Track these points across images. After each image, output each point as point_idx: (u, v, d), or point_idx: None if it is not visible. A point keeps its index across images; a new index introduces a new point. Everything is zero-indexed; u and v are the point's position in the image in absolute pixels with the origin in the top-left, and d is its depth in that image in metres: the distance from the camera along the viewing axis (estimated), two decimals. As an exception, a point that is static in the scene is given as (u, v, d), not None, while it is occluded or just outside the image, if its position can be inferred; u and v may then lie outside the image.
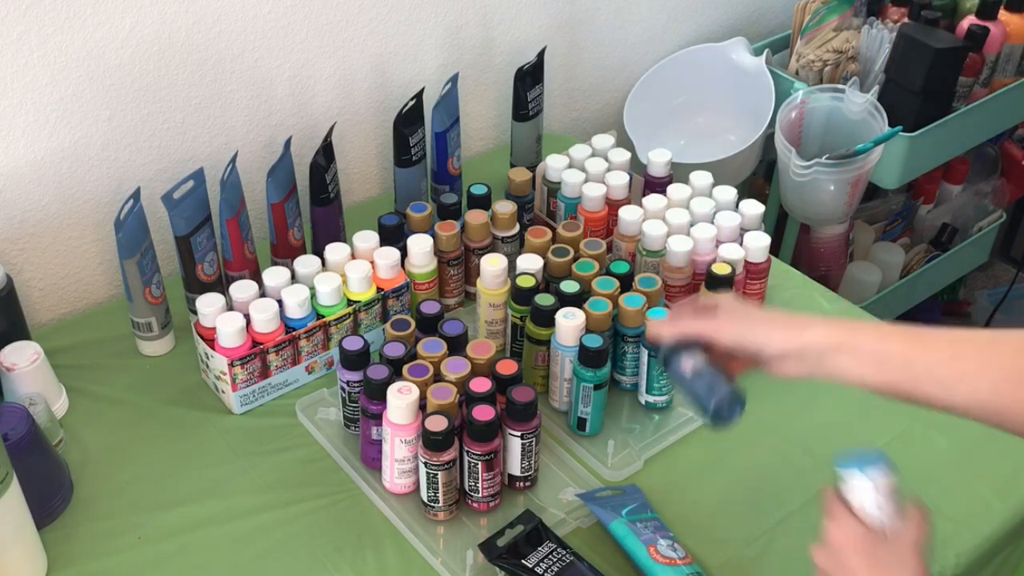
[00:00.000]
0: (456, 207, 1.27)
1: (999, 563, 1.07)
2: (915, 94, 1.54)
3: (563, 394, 1.11)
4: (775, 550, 1.00)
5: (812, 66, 1.64)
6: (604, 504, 0.99)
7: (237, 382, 1.10)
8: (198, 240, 1.15)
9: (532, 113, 1.42)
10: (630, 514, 0.97)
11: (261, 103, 1.32)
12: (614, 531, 0.96)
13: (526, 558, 0.94)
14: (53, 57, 1.13)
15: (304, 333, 1.12)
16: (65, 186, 1.21)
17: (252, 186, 1.34)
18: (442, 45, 1.46)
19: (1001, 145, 2.04)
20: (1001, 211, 2.01)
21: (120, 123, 1.22)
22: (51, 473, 1.01)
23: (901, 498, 0.76)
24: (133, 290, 1.15)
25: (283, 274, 1.13)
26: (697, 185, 1.30)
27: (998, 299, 2.08)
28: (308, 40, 1.32)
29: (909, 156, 1.55)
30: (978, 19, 1.63)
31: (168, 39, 1.20)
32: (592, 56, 1.65)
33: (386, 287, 1.17)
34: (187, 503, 1.03)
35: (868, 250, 1.89)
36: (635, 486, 1.03)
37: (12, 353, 1.09)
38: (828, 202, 1.58)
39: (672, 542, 0.94)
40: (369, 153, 1.48)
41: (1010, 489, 1.05)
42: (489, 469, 0.98)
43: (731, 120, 1.70)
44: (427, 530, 1.00)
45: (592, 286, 1.13)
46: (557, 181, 1.32)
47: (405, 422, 0.97)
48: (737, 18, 1.80)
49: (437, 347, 1.05)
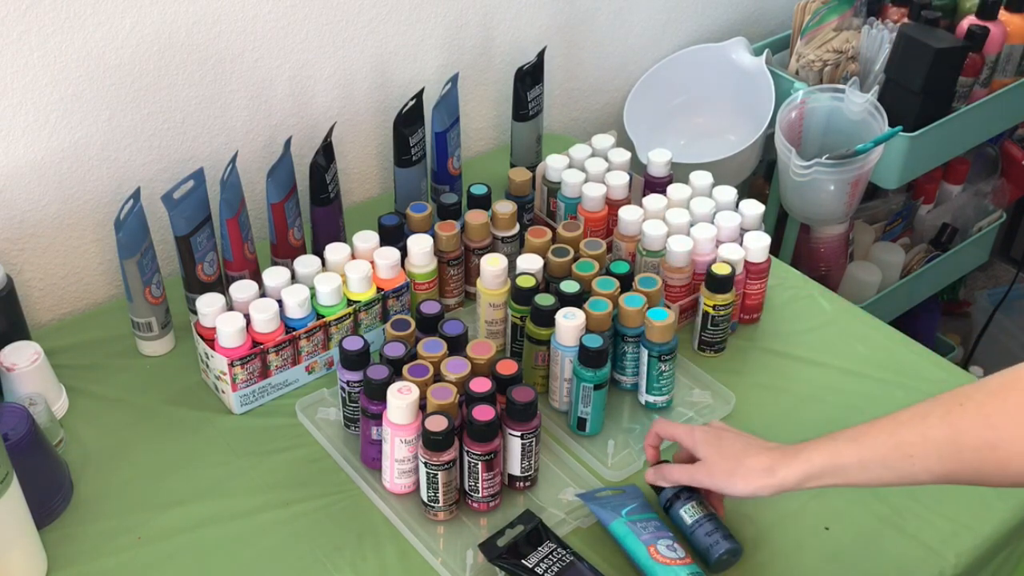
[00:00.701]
0: (456, 207, 1.27)
1: (999, 563, 1.07)
2: (915, 94, 1.54)
3: (563, 394, 1.11)
4: (775, 550, 1.00)
5: (812, 66, 1.64)
6: (604, 504, 0.99)
7: (237, 382, 1.10)
8: (198, 240, 1.15)
9: (532, 113, 1.42)
10: (630, 514, 0.97)
11: (261, 103, 1.32)
12: (614, 531, 0.96)
13: (526, 558, 0.94)
14: (53, 57, 1.13)
15: (304, 333, 1.12)
16: (65, 186, 1.21)
17: (252, 186, 1.34)
18: (442, 45, 1.46)
19: (1001, 145, 2.04)
20: (1001, 211, 2.01)
21: (120, 123, 1.22)
22: (51, 473, 1.00)
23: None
24: (133, 290, 1.15)
25: (283, 274, 1.13)
26: (697, 185, 1.30)
27: (998, 299, 2.08)
28: (308, 40, 1.32)
29: (909, 156, 1.55)
30: (978, 19, 1.63)
31: (168, 39, 1.20)
32: (592, 56, 1.65)
33: (386, 287, 1.17)
34: (187, 503, 1.03)
35: (868, 250, 1.89)
36: (635, 486, 1.03)
37: (12, 353, 1.09)
38: (828, 202, 1.58)
39: (672, 542, 0.94)
40: (369, 153, 1.48)
41: (1010, 489, 1.05)
42: (489, 469, 0.98)
43: (731, 120, 1.69)
44: (427, 530, 1.00)
45: (592, 286, 1.13)
46: (557, 181, 1.32)
47: (405, 422, 0.97)
48: (737, 18, 1.80)
49: (437, 347, 1.05)
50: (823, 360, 1.21)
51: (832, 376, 1.19)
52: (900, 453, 0.81)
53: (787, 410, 1.14)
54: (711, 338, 1.20)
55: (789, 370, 1.20)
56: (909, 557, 1.00)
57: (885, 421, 0.84)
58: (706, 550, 0.95)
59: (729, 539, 0.95)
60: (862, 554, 1.00)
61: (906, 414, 0.83)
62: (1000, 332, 2.12)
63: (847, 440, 0.85)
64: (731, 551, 0.95)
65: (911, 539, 1.01)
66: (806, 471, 0.86)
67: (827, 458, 0.85)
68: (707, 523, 0.96)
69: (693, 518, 0.97)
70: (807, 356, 1.22)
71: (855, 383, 1.18)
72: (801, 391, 1.18)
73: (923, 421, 0.81)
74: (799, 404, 1.15)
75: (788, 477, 0.87)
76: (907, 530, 1.02)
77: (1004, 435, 0.76)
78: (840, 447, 0.85)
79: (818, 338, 1.25)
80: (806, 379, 1.19)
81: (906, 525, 1.02)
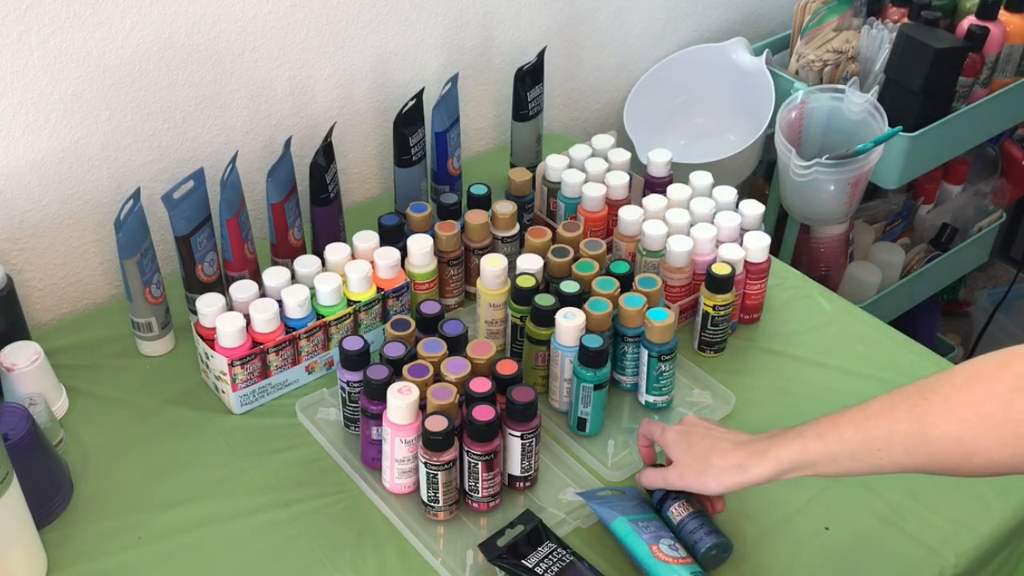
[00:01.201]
0: (456, 207, 1.27)
1: (999, 563, 1.07)
2: (915, 94, 1.54)
3: (563, 394, 1.11)
4: (775, 550, 1.00)
5: (812, 66, 1.64)
6: (605, 503, 0.99)
7: (237, 382, 1.10)
8: (198, 240, 1.15)
9: (532, 113, 1.42)
10: (630, 514, 0.97)
11: (261, 103, 1.32)
12: (615, 529, 0.96)
13: (526, 558, 0.94)
14: (53, 57, 1.13)
15: (304, 333, 1.12)
16: (65, 186, 1.21)
17: (252, 186, 1.34)
18: (442, 45, 1.46)
19: (1001, 145, 2.04)
20: (1001, 211, 2.01)
21: (120, 123, 1.22)
22: (51, 473, 1.00)
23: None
24: (133, 290, 1.15)
25: (283, 274, 1.13)
26: (697, 185, 1.30)
27: (998, 299, 2.08)
28: (308, 40, 1.32)
29: (909, 156, 1.55)
30: (978, 19, 1.63)
31: (168, 39, 1.20)
32: (592, 56, 1.65)
33: (386, 287, 1.17)
34: (187, 503, 1.03)
35: (868, 250, 1.89)
36: (634, 487, 1.03)
37: (12, 353, 1.09)
38: (828, 202, 1.58)
39: (673, 542, 0.94)
40: (369, 153, 1.48)
41: (1010, 489, 1.05)
42: (489, 469, 0.98)
43: (731, 120, 1.69)
44: (427, 530, 1.00)
45: (592, 286, 1.13)
46: (557, 181, 1.32)
47: (405, 422, 0.97)
48: (737, 18, 1.80)
49: (437, 347, 1.05)
50: (823, 360, 1.21)
51: (832, 376, 1.19)
52: (867, 448, 0.82)
53: (787, 410, 1.14)
54: (711, 338, 1.20)
55: (789, 370, 1.20)
56: (909, 557, 1.00)
57: (853, 413, 0.84)
58: (691, 548, 0.95)
59: (713, 534, 0.95)
60: (862, 554, 1.00)
61: (873, 406, 0.83)
62: (1000, 332, 2.12)
63: (815, 436, 0.85)
64: (718, 546, 0.95)
65: (911, 539, 1.01)
66: (775, 469, 0.87)
67: (796, 455, 0.86)
68: (691, 521, 0.96)
69: (679, 518, 0.97)
70: (807, 356, 1.22)
71: (855, 383, 1.18)
72: (801, 391, 1.18)
73: (890, 415, 0.81)
74: (799, 404, 1.15)
75: (758, 475, 0.88)
76: (907, 530, 1.02)
77: (969, 428, 0.76)
78: (808, 443, 0.86)
79: (818, 338, 1.25)
80: (806, 379, 1.19)
81: (906, 525, 1.02)
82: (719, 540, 0.95)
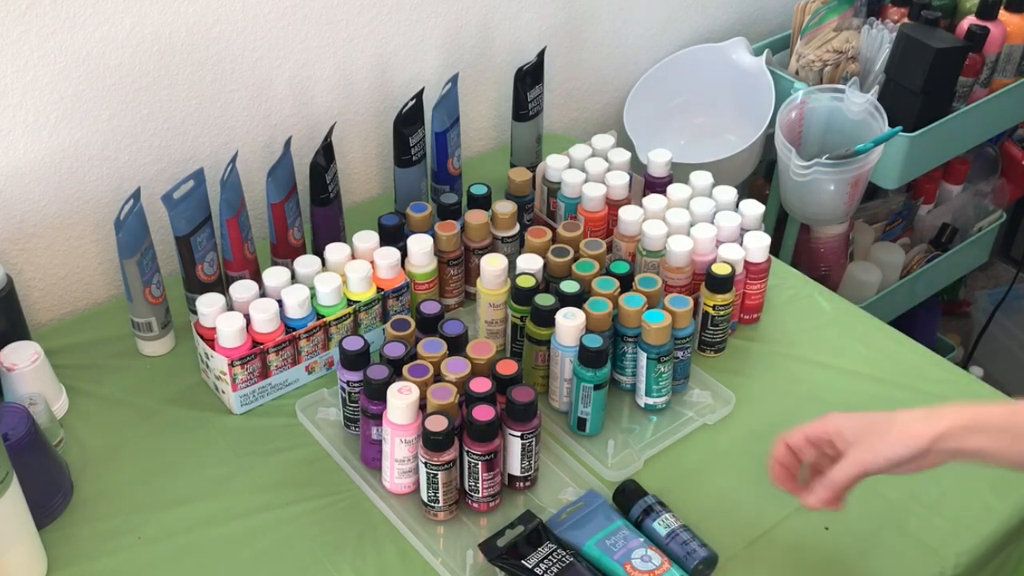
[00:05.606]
0: (456, 207, 1.27)
1: (999, 563, 1.07)
2: (915, 94, 1.54)
3: (563, 394, 1.11)
4: (775, 550, 1.00)
5: (812, 66, 1.64)
6: (571, 527, 0.98)
7: (237, 382, 1.10)
8: (198, 240, 1.15)
9: (532, 113, 1.42)
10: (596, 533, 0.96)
11: (261, 103, 1.33)
12: (587, 555, 0.96)
13: (526, 558, 0.94)
14: (53, 57, 1.13)
15: (304, 333, 1.12)
16: (65, 186, 1.21)
17: (252, 186, 1.34)
18: (442, 45, 1.46)
19: (1001, 145, 2.04)
20: (1001, 211, 2.01)
21: (120, 123, 1.22)
22: (51, 473, 1.01)
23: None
24: (133, 290, 1.15)
25: (283, 274, 1.13)
26: (697, 185, 1.30)
27: (998, 299, 2.08)
28: (308, 40, 1.32)
29: (909, 156, 1.55)
30: (978, 19, 1.63)
31: (168, 39, 1.20)
32: (592, 56, 1.65)
33: (386, 287, 1.17)
34: (187, 503, 1.03)
35: (868, 250, 1.89)
36: (592, 491, 1.02)
37: (12, 353, 1.09)
38: (828, 202, 1.58)
39: (645, 551, 0.94)
40: (369, 153, 1.48)
41: (1009, 489, 1.05)
42: (489, 469, 0.98)
43: (731, 120, 1.70)
44: (427, 530, 1.00)
45: (592, 286, 1.13)
46: (557, 181, 1.32)
47: (405, 422, 0.97)
48: (737, 18, 1.80)
49: (437, 347, 1.05)
50: (823, 360, 1.21)
51: (832, 376, 1.19)
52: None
53: (787, 410, 1.14)
54: (711, 338, 1.20)
55: (789, 370, 1.20)
56: (909, 557, 1.00)
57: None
58: (680, 560, 0.95)
59: (704, 548, 0.95)
60: (862, 554, 1.00)
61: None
62: (1000, 332, 2.12)
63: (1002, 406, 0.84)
64: (705, 560, 0.95)
65: (911, 539, 1.01)
66: (967, 420, 0.83)
67: (982, 415, 0.84)
68: (683, 532, 0.96)
69: (668, 529, 0.97)
70: (807, 356, 1.22)
71: (855, 383, 1.18)
72: (801, 391, 1.18)
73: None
74: (799, 404, 1.15)
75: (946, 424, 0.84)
76: (907, 530, 1.02)
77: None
78: (993, 409, 0.84)
79: (818, 338, 1.25)
80: (806, 379, 1.19)
81: (906, 525, 1.02)
82: (709, 553, 0.95)
